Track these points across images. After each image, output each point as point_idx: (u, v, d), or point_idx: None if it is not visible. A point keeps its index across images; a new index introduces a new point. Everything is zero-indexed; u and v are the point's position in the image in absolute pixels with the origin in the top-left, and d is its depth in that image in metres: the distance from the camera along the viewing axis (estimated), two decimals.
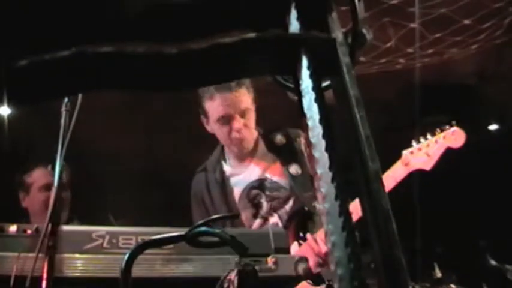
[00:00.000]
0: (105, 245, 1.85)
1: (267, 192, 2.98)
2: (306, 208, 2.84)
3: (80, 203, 3.64)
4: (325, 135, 0.85)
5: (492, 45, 5.08)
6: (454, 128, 2.99)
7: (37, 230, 1.85)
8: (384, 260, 0.80)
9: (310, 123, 0.89)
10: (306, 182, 2.86)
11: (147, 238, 1.62)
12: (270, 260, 1.85)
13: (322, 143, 0.85)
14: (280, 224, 2.88)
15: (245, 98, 2.90)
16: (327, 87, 1.04)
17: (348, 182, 0.83)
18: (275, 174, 2.99)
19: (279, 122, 3.13)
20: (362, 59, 4.53)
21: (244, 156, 3.07)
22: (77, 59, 1.03)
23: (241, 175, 3.06)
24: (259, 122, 3.06)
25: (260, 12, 1.08)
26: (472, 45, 4.92)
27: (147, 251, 1.48)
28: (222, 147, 3.16)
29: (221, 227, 2.90)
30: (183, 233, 1.24)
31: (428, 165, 3.02)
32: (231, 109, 2.89)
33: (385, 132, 6.17)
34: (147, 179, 6.46)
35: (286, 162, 2.94)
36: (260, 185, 2.99)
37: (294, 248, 2.76)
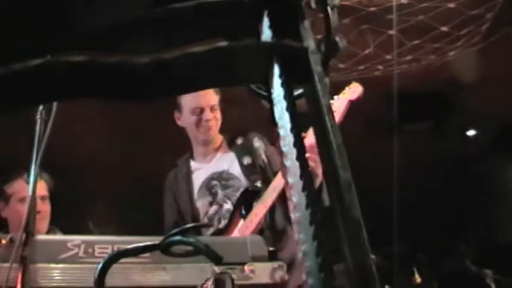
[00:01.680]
0: (80, 254, 1.83)
1: (223, 182, 3.39)
2: (250, 188, 3.22)
3: (61, 212, 3.61)
4: (296, 144, 0.85)
5: (470, 52, 5.12)
6: (352, 84, 3.25)
7: (11, 240, 1.83)
8: (356, 268, 0.80)
9: (281, 132, 0.89)
10: (254, 169, 3.31)
11: (123, 247, 1.61)
12: (247, 268, 1.84)
13: (293, 152, 0.85)
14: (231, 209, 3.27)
15: (214, 96, 3.37)
16: (300, 95, 1.04)
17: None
18: (232, 168, 3.40)
19: (242, 129, 3.60)
20: (341, 65, 4.55)
21: (209, 151, 3.48)
22: (49, 68, 1.02)
23: (203, 169, 3.47)
24: (224, 130, 3.51)
25: (232, 20, 1.07)
26: (450, 52, 4.96)
27: (123, 260, 1.47)
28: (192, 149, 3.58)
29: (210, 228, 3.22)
30: (157, 242, 1.23)
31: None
32: (203, 102, 3.34)
33: (365, 138, 6.20)
34: (127, 186, 6.44)
35: (241, 156, 3.38)
36: (218, 176, 3.41)
37: (239, 225, 3.12)
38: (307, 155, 0.86)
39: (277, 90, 0.92)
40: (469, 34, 4.84)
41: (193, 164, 3.53)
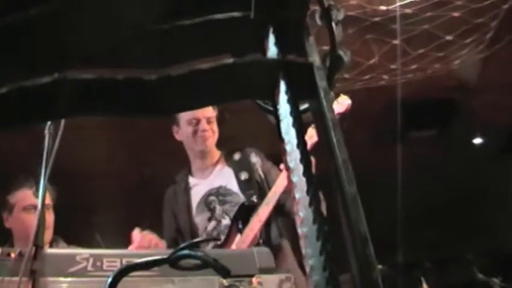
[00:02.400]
0: (89, 267, 1.84)
1: (220, 198, 3.42)
2: (246, 203, 3.24)
3: (66, 223, 3.62)
4: (302, 160, 0.86)
5: (475, 60, 5.13)
6: (340, 96, 3.23)
7: (20, 254, 1.84)
8: (362, 283, 0.81)
9: (288, 147, 0.90)
10: (250, 184, 3.34)
11: (131, 260, 1.62)
12: (255, 280, 1.85)
13: (300, 168, 0.86)
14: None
15: (210, 109, 3.43)
16: (306, 109, 1.05)
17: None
18: (230, 183, 3.42)
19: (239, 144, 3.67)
20: (346, 75, 4.56)
21: (206, 166, 3.52)
22: (57, 86, 1.03)
23: (201, 185, 3.49)
24: (221, 145, 3.57)
25: (238, 36, 1.09)
26: (454, 61, 4.97)
27: (134, 273, 1.48)
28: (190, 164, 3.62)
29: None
30: (165, 256, 1.24)
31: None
32: (199, 113, 3.39)
33: (370, 147, 6.20)
34: (134, 196, 6.45)
35: (238, 171, 3.40)
36: (216, 192, 3.44)
37: (237, 239, 3.14)
38: None
39: (283, 106, 0.93)
40: (474, 42, 4.85)
41: (191, 180, 3.57)
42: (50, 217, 3.47)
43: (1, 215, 3.56)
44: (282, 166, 3.12)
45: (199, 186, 3.51)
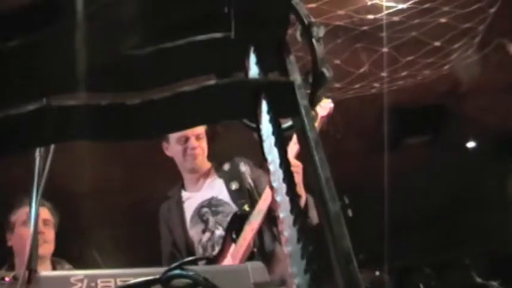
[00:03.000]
0: None
1: (213, 209, 3.46)
2: (238, 213, 3.28)
3: (65, 242, 3.64)
4: (285, 179, 0.87)
5: (464, 64, 5.16)
6: (324, 100, 3.18)
7: (15, 278, 1.84)
8: None
9: (271, 167, 0.91)
10: (241, 193, 3.38)
11: (125, 280, 1.62)
12: None
13: (283, 187, 0.87)
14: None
15: (200, 127, 3.44)
16: (291, 127, 1.06)
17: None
18: (221, 194, 3.47)
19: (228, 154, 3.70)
20: (337, 85, 4.58)
21: (197, 179, 3.57)
22: (43, 113, 1.04)
23: (194, 198, 3.55)
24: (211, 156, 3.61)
25: (221, 58, 1.10)
26: (444, 66, 5.00)
27: None
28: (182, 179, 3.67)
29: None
30: (157, 276, 1.25)
31: None
32: (188, 131, 3.40)
33: (365, 156, 6.22)
34: (131, 214, 6.45)
35: (229, 181, 3.45)
36: (208, 203, 3.49)
37: (231, 250, 3.18)
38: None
39: (266, 126, 0.94)
40: (463, 47, 4.88)
41: (184, 194, 3.62)
42: (49, 233, 3.50)
43: (5, 236, 3.59)
44: None
45: (192, 200, 3.56)
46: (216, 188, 3.50)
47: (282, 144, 0.92)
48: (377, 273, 5.82)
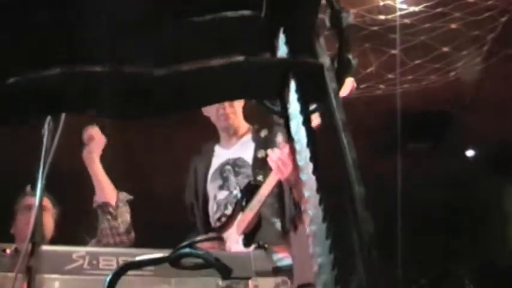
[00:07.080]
0: (85, 266, 1.83)
1: (236, 168, 3.47)
2: (252, 182, 3.26)
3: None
4: (312, 158, 0.86)
5: (471, 72, 5.15)
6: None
7: (16, 250, 1.83)
8: (367, 283, 0.80)
9: (297, 146, 0.90)
10: (262, 163, 3.28)
11: (127, 259, 1.61)
12: (251, 283, 1.85)
13: (310, 166, 0.86)
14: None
15: None
16: (314, 110, 1.05)
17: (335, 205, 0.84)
18: (248, 157, 3.45)
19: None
20: None
21: (231, 137, 3.56)
22: (65, 78, 1.03)
23: (223, 155, 3.56)
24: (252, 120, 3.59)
25: (248, 36, 1.09)
26: (450, 72, 4.99)
27: (129, 273, 1.47)
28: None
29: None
30: (166, 254, 1.24)
31: None
32: None
33: (367, 158, 6.20)
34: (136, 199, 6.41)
35: (258, 148, 3.41)
36: (233, 162, 3.50)
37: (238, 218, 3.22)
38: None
39: (294, 105, 0.93)
40: (470, 55, 4.87)
41: (216, 148, 3.64)
42: (47, 219, 3.49)
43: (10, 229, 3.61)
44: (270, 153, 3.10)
45: (221, 156, 3.58)
46: (247, 150, 3.48)
47: (309, 124, 0.91)
48: None
